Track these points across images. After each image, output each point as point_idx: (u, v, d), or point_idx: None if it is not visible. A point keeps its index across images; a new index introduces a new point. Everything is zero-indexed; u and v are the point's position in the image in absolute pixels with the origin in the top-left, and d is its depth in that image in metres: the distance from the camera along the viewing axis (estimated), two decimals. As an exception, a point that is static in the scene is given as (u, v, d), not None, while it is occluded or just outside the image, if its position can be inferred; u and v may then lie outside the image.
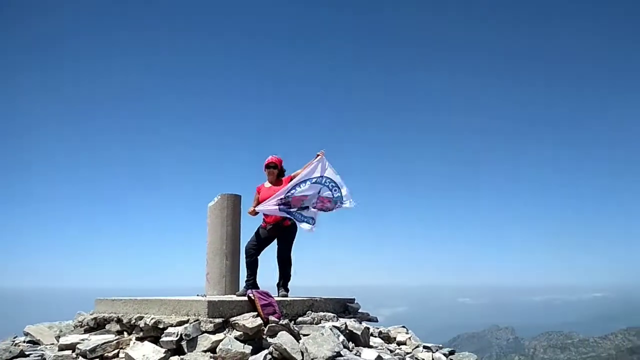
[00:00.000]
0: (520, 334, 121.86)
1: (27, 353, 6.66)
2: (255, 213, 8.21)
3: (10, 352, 6.48)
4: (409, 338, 8.20)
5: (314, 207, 8.10)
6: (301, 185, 7.92)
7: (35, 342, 8.17)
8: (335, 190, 8.10)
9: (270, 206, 7.89)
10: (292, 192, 7.88)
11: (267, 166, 8.34)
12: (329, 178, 8.07)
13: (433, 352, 7.71)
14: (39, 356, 6.54)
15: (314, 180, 7.99)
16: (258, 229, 8.31)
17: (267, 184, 8.37)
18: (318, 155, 8.10)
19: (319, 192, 8.04)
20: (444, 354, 7.82)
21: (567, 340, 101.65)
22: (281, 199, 7.83)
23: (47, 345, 7.80)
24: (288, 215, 7.92)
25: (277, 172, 8.34)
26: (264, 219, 8.28)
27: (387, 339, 8.05)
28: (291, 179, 8.05)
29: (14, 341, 8.17)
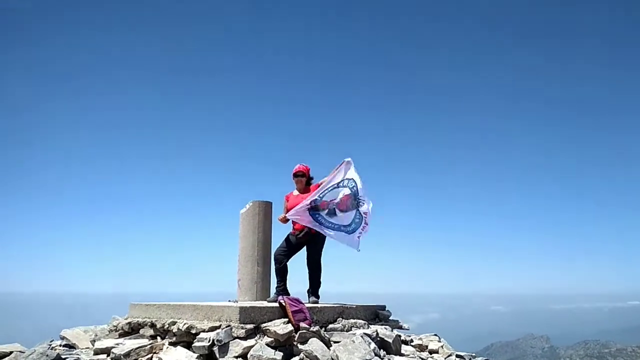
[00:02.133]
0: (556, 342, 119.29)
1: (63, 356, 6.80)
2: (285, 220, 8.30)
3: (47, 355, 6.62)
4: (442, 346, 8.10)
5: (339, 209, 8.13)
6: (329, 189, 8.03)
7: (71, 346, 8.33)
8: (353, 188, 8.15)
9: (300, 213, 7.96)
10: (319, 196, 7.97)
11: (295, 175, 8.43)
12: (350, 179, 8.13)
13: (466, 361, 7.62)
14: (75, 360, 6.67)
15: (339, 184, 8.09)
16: (287, 235, 8.36)
17: (295, 192, 8.45)
18: (344, 162, 8.18)
19: (342, 193, 8.13)
20: (478, 363, 7.72)
21: (604, 349, 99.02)
22: (309, 204, 7.92)
23: (82, 349, 7.96)
24: (316, 228, 7.97)
25: (304, 181, 8.42)
26: (293, 226, 8.32)
27: (419, 347, 7.97)
28: (319, 187, 8.13)
29: (50, 345, 8.34)
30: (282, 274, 8.17)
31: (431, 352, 7.92)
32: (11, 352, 7.08)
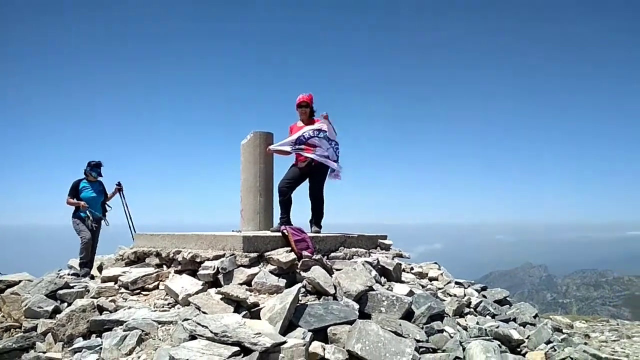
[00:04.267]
0: (554, 271, 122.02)
1: (71, 285, 6.96)
2: (270, 152, 8.36)
3: (56, 283, 6.77)
4: (441, 274, 8.27)
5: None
6: (318, 136, 7.88)
7: (78, 275, 8.52)
8: (337, 150, 8.10)
9: (283, 146, 7.98)
10: (306, 136, 7.85)
11: (299, 105, 8.21)
12: (333, 141, 8.06)
13: (465, 288, 7.79)
14: (82, 287, 6.83)
15: (329, 139, 7.96)
16: (290, 167, 8.29)
17: (300, 123, 8.27)
18: (323, 116, 8.03)
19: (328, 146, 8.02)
20: (476, 290, 7.90)
21: (601, 278, 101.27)
22: (295, 141, 7.87)
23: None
24: (294, 150, 7.94)
25: (308, 112, 8.23)
26: (296, 158, 8.24)
27: (419, 274, 8.14)
28: (313, 124, 8.01)
29: (58, 274, 8.55)
30: (286, 205, 8.14)
31: (431, 279, 8.09)
32: (20, 281, 7.25)
